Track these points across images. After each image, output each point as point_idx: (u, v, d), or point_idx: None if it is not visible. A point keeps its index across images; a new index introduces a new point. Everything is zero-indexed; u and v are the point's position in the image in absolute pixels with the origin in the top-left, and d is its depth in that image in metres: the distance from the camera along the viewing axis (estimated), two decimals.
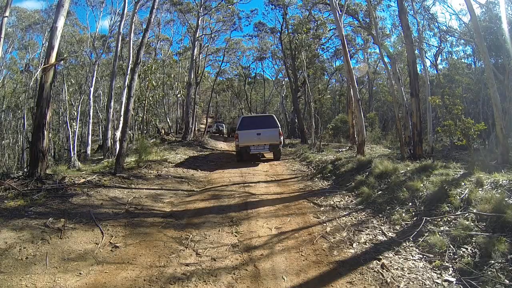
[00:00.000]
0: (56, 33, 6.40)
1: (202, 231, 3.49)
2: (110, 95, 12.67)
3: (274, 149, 9.71)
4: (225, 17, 22.48)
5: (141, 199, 5.27)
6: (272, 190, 5.53)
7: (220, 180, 6.80)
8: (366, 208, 4.21)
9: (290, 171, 7.86)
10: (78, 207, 4.80)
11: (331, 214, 3.92)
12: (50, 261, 3.05)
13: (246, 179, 6.74)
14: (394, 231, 3.40)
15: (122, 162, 7.52)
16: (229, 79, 34.83)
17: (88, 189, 5.77)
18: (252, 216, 3.87)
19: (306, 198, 4.76)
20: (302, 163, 9.05)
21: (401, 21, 8.68)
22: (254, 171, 7.80)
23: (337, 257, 2.72)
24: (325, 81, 29.62)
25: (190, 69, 18.50)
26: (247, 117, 12.68)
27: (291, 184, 6.14)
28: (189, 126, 17.73)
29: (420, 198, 4.08)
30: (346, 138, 17.85)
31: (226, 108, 47.70)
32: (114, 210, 4.61)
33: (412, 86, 8.36)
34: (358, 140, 8.52)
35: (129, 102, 7.57)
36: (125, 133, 7.50)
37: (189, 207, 4.60)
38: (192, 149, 13.72)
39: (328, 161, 7.85)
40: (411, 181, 4.51)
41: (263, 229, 3.40)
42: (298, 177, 6.89)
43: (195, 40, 18.63)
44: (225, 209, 4.32)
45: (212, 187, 6.06)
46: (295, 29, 17.00)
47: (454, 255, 2.84)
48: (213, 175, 7.49)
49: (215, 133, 27.82)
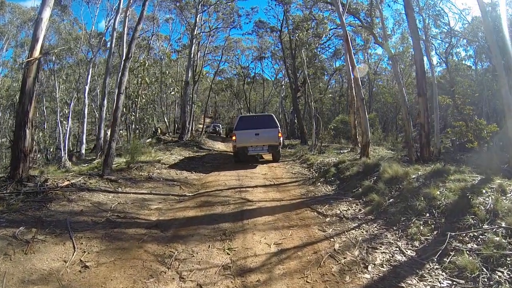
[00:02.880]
0: (41, 24, 5.92)
1: (189, 246, 3.00)
2: (104, 93, 12.16)
3: (273, 150, 9.22)
4: (224, 15, 21.99)
5: (126, 205, 4.77)
6: (271, 196, 5.04)
7: (215, 183, 6.31)
8: (377, 218, 3.72)
9: (290, 174, 7.38)
10: (56, 214, 4.30)
11: (339, 226, 3.44)
12: (7, 284, 2.56)
13: (243, 182, 6.25)
14: (413, 249, 2.92)
15: (111, 163, 7.00)
16: (228, 78, 34.41)
17: (70, 193, 5.28)
18: (248, 228, 3.38)
19: (309, 206, 4.27)
20: (303, 165, 8.56)
21: (408, 16, 8.20)
22: (252, 174, 7.31)
23: (350, 284, 2.23)
24: (325, 82, 29.29)
25: (187, 67, 18.02)
26: (245, 116, 12.20)
27: (291, 189, 5.65)
28: (185, 125, 17.23)
29: (439, 208, 3.60)
30: (346, 139, 17.45)
31: (225, 108, 47.32)
32: (93, 218, 4.11)
33: (420, 85, 7.88)
34: (362, 141, 8.05)
35: (119, 99, 7.07)
36: (114, 132, 7.00)
37: (178, 215, 4.10)
38: (188, 149, 13.22)
39: (331, 163, 7.36)
40: (427, 188, 4.04)
41: (261, 246, 2.91)
42: (299, 181, 6.40)
43: (193, 38, 18.16)
44: (218, 218, 3.83)
45: (206, 192, 5.56)
46: (296, 26, 16.55)
47: (489, 281, 2.36)
48: (208, 178, 7.00)
49: (212, 133, 27.67)
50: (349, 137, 18.48)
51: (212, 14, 21.69)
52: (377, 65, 29.02)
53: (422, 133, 7.52)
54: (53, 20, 20.38)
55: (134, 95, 8.41)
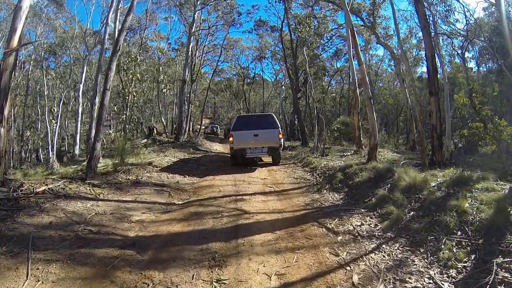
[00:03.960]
0: (20, 13, 5.35)
1: (169, 275, 2.38)
2: (95, 91, 11.51)
3: (274, 153, 8.59)
4: (225, 14, 21.37)
5: (105, 216, 4.15)
6: (271, 206, 4.41)
7: (208, 189, 5.68)
8: (399, 236, 3.11)
9: (292, 179, 6.75)
10: (20, 226, 3.69)
11: (354, 248, 2.82)
12: None
13: (239, 188, 5.63)
14: (451, 280, 2.31)
15: (95, 166, 6.39)
16: (228, 79, 33.85)
17: (45, 200, 4.67)
18: (243, 251, 2.75)
19: (316, 219, 3.64)
20: (305, 169, 7.94)
21: (417, 10, 7.61)
22: (250, 179, 6.68)
23: None
24: (325, 82, 28.81)
25: (185, 65, 17.42)
26: (244, 116, 11.56)
27: (294, 197, 5.03)
28: (182, 126, 16.61)
29: (472, 225, 2.99)
30: (348, 141, 16.91)
31: (224, 109, 46.83)
32: (62, 233, 3.49)
33: (431, 83, 7.27)
34: (370, 143, 7.43)
35: (105, 96, 6.46)
36: (98, 132, 6.38)
37: (161, 230, 3.47)
38: (184, 151, 12.59)
39: (336, 167, 6.75)
40: (453, 199, 3.43)
41: (258, 277, 2.28)
42: (302, 187, 5.78)
43: (190, 35, 17.57)
44: (208, 236, 3.20)
45: (198, 200, 4.94)
46: (298, 22, 15.99)
47: None
48: (201, 183, 6.37)
49: (210, 134, 27.64)
50: (350, 138, 17.99)
51: (212, 13, 21.13)
52: (378, 67, 28.62)
53: (434, 134, 6.91)
54: (48, 17, 19.94)
55: (124, 92, 7.77)
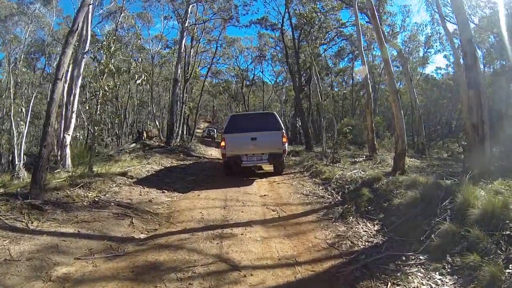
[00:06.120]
0: None
1: None
2: (70, 88, 10.03)
3: (276, 161, 6.98)
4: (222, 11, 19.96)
5: (16, 263, 2.60)
6: (276, 250, 2.82)
7: (188, 214, 4.12)
8: None
9: (300, 195, 5.18)
10: None
11: None
12: None
13: (230, 214, 4.06)
14: None
15: (41, 179, 4.79)
16: (226, 81, 32.49)
17: None
18: None
19: (353, 284, 2.09)
20: (315, 180, 6.37)
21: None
22: (245, 196, 5.12)
23: None
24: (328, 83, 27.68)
25: (177, 63, 15.98)
26: (238, 115, 9.92)
27: (308, 229, 3.47)
28: (174, 129, 15.10)
29: None
30: (354, 145, 15.49)
31: (223, 112, 45.59)
32: None
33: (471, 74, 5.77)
34: (397, 149, 5.89)
35: (55, 88, 4.93)
36: (46, 135, 4.82)
37: None
38: (173, 157, 11.04)
39: (357, 180, 5.20)
40: None
41: None
42: (317, 210, 4.22)
43: (183, 30, 16.16)
44: None
45: (166, 235, 3.37)
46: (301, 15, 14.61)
47: None
48: (181, 203, 4.80)
49: (206, 137, 26.76)
50: (356, 142, 16.58)
51: (207, 10, 19.73)
52: (381, 68, 27.44)
53: (475, 137, 5.38)
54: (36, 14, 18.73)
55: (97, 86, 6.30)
